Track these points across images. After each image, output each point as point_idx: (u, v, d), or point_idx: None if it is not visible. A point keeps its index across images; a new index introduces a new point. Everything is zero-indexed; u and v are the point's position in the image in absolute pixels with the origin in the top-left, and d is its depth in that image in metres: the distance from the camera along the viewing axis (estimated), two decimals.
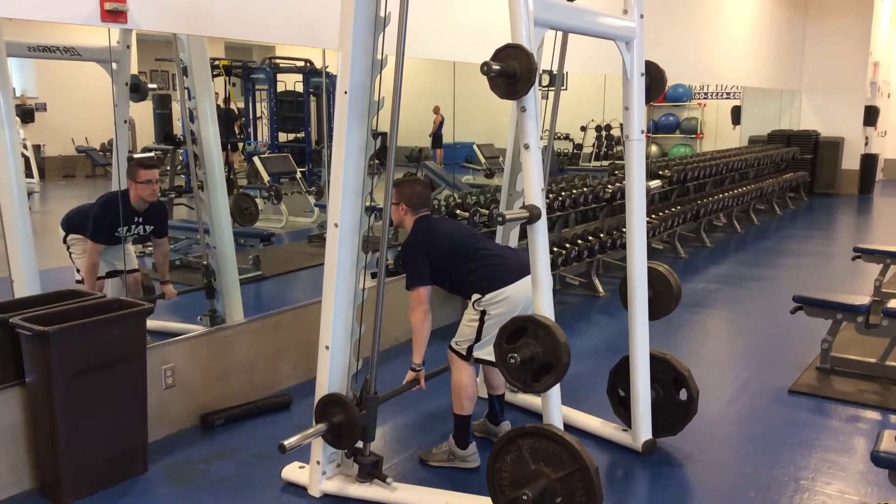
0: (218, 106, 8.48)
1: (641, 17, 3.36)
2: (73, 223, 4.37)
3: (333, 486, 3.20)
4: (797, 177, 11.93)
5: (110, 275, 4.35)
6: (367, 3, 2.97)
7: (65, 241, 4.37)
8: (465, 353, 3.34)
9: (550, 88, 4.01)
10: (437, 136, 10.36)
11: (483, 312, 3.28)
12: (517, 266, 3.31)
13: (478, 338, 3.31)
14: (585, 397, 4.05)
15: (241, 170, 8.71)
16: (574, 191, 6.41)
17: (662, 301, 3.63)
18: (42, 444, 3.15)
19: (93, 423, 3.18)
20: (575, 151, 11.31)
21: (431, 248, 3.38)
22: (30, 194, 4.53)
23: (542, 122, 3.08)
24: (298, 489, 3.25)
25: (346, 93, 2.98)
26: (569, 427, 3.16)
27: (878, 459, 2.73)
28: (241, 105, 9.02)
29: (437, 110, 10.07)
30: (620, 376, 3.65)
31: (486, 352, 3.27)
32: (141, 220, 4.28)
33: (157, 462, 3.47)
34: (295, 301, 4.67)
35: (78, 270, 4.27)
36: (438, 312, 4.89)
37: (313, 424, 3.09)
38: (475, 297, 3.31)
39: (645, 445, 3.55)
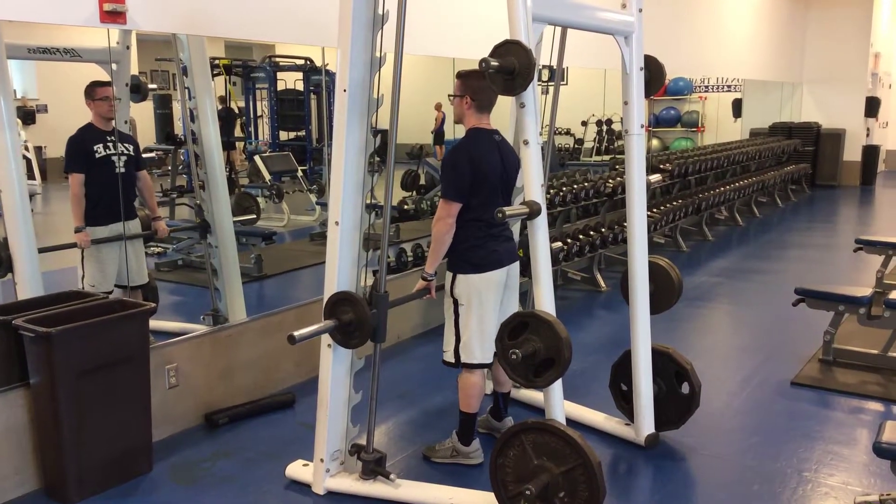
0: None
1: (640, 11, 3.36)
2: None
3: (337, 483, 3.21)
4: (799, 169, 11.91)
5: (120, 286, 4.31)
6: (365, 0, 2.98)
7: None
8: (454, 362, 3.31)
9: (550, 83, 4.01)
10: (439, 134, 10.35)
11: (455, 302, 3.26)
12: (503, 255, 3.28)
13: (458, 337, 3.28)
14: (588, 392, 4.06)
15: (243, 169, 8.71)
16: (575, 186, 6.40)
17: (664, 295, 3.64)
18: (47, 444, 3.16)
19: (97, 424, 3.19)
20: (576, 146, 11.29)
21: (480, 166, 3.16)
22: (32, 196, 4.51)
23: (542, 117, 3.08)
24: (302, 487, 3.26)
25: (345, 91, 2.98)
26: (571, 422, 3.16)
27: (880, 450, 2.74)
28: (242, 104, 9.02)
29: (438, 107, 10.07)
30: (622, 371, 3.66)
31: (472, 354, 3.25)
32: (112, 138, 4.18)
33: (161, 461, 3.48)
34: (297, 300, 4.68)
35: (83, 277, 4.23)
36: (438, 310, 4.91)
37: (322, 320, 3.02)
38: (448, 276, 3.27)
39: (648, 439, 3.56)
